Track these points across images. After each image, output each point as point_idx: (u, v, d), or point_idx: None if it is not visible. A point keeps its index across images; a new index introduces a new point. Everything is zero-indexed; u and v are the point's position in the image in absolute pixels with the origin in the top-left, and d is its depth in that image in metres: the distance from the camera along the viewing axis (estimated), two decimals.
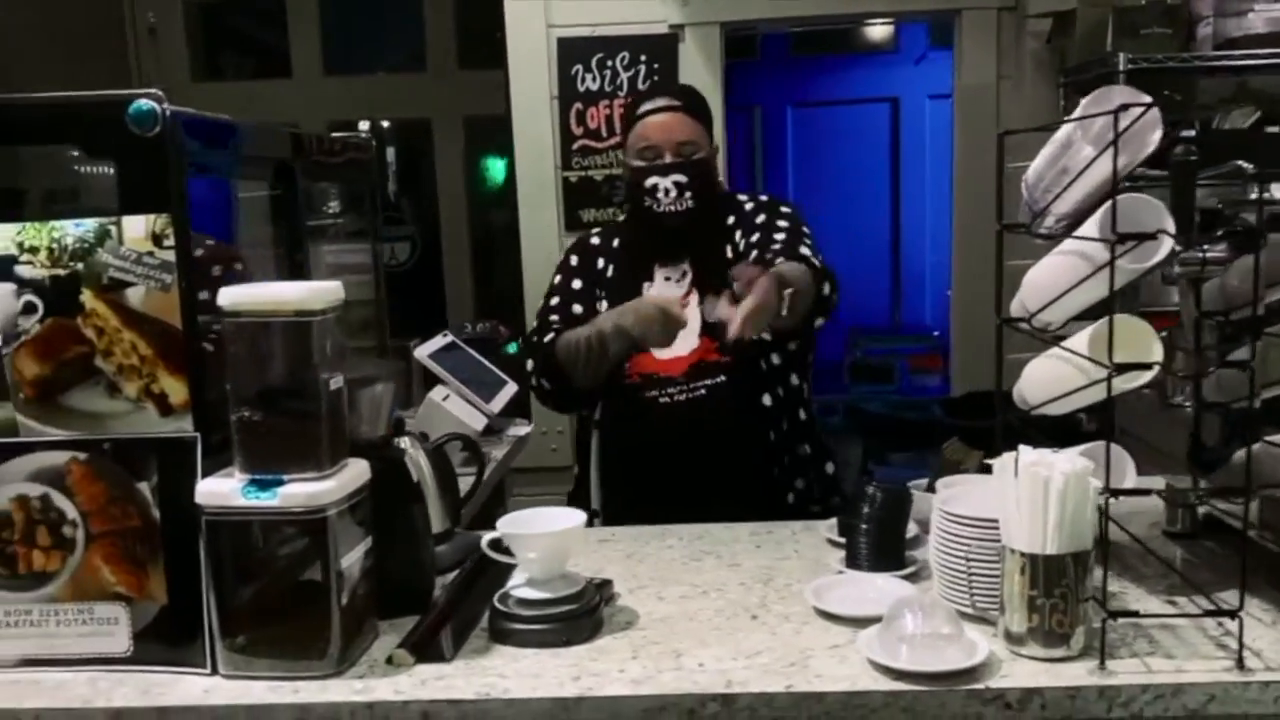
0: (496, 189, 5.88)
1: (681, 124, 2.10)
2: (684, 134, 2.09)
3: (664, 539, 1.91)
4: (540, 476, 3.66)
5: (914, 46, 5.81)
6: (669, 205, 2.08)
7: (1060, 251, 1.59)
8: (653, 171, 2.08)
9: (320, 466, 1.41)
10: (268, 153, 1.81)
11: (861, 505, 1.66)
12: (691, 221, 2.11)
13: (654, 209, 2.09)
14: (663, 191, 2.07)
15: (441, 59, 5.53)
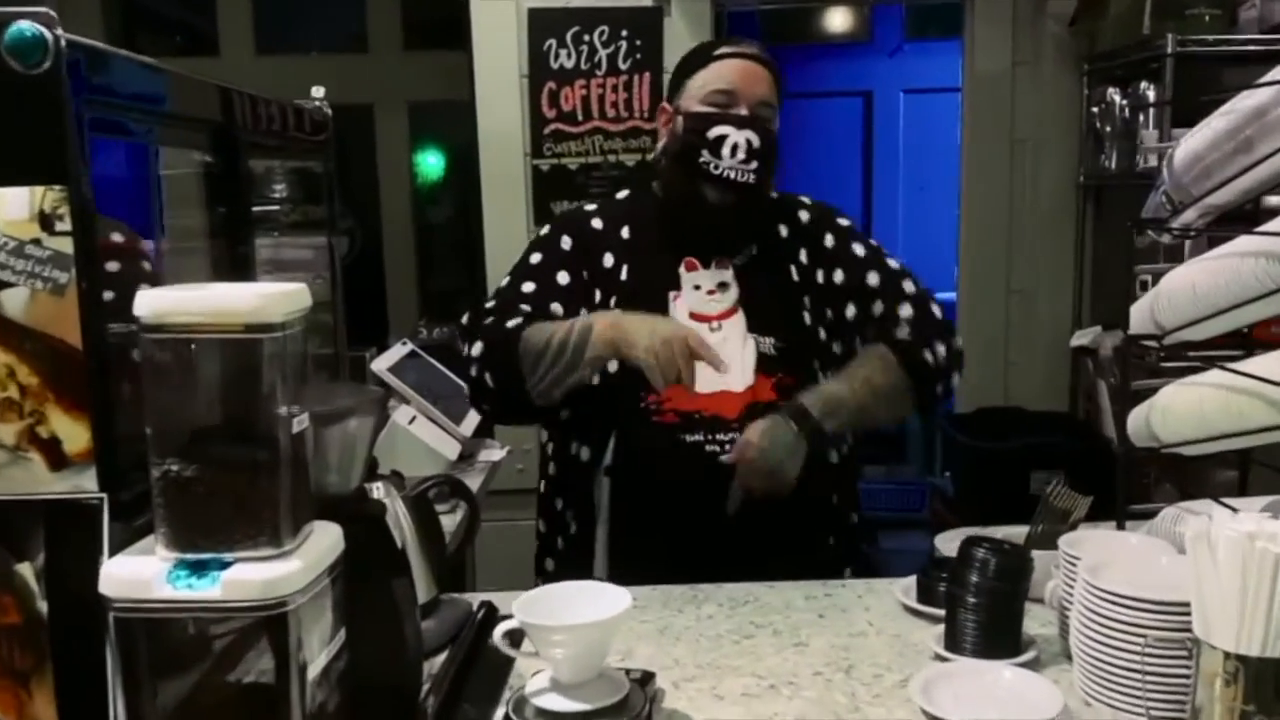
0: (442, 181, 5.48)
1: (767, 80, 1.70)
2: (768, 92, 1.69)
3: (699, 604, 1.55)
4: (505, 501, 3.26)
5: (888, 38, 5.53)
6: (730, 170, 1.65)
7: (1230, 252, 1.25)
8: (724, 120, 1.66)
9: (279, 538, 1.02)
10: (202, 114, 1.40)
11: (968, 574, 1.31)
12: (747, 205, 1.70)
13: (710, 169, 1.65)
14: (729, 148, 1.64)
15: (385, 39, 5.12)
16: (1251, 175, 1.22)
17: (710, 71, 1.69)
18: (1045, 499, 1.53)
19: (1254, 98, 1.19)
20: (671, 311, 1.70)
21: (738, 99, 1.66)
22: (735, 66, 1.68)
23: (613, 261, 1.75)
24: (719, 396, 1.65)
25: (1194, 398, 1.32)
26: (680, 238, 1.74)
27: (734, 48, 1.71)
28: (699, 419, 1.66)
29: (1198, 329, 1.34)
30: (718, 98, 1.67)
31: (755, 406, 1.66)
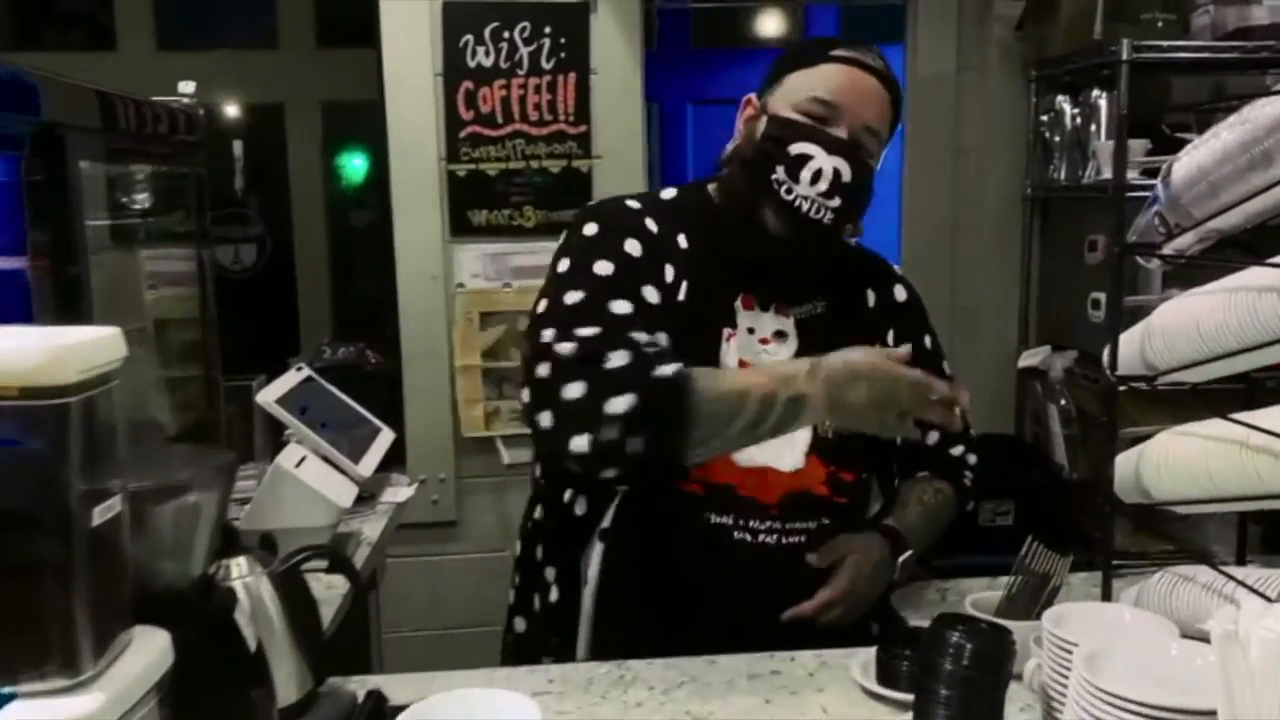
0: (359, 185, 5.21)
1: (883, 105, 1.40)
2: (877, 117, 1.39)
3: (625, 687, 1.33)
4: (418, 535, 3.02)
5: None
6: (804, 200, 1.33)
7: (1243, 286, 1.07)
8: (814, 136, 1.34)
9: (75, 664, 0.79)
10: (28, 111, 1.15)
11: (940, 660, 1.11)
12: (815, 247, 1.39)
13: (783, 192, 1.34)
14: (810, 172, 1.33)
15: (297, 35, 4.86)
16: (1268, 196, 1.05)
17: (815, 74, 1.37)
18: (1020, 561, 1.34)
19: (1275, 106, 1.02)
20: (722, 353, 1.41)
21: (839, 115, 1.35)
22: (846, 75, 1.36)
23: (673, 276, 1.40)
24: (759, 474, 1.38)
25: (1196, 452, 1.15)
26: (736, 264, 1.43)
27: (853, 51, 1.39)
28: (731, 498, 1.37)
29: (1198, 371, 1.16)
30: (815, 107, 1.36)
31: (803, 498, 1.40)
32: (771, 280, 1.43)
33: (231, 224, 5.14)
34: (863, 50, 1.40)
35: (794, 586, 1.39)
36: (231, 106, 5.14)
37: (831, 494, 1.41)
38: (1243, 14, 2.60)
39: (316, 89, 4.87)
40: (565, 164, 2.97)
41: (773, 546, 1.38)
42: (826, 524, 1.42)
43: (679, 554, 1.37)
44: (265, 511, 1.79)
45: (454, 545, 3.05)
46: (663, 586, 1.38)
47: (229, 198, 5.12)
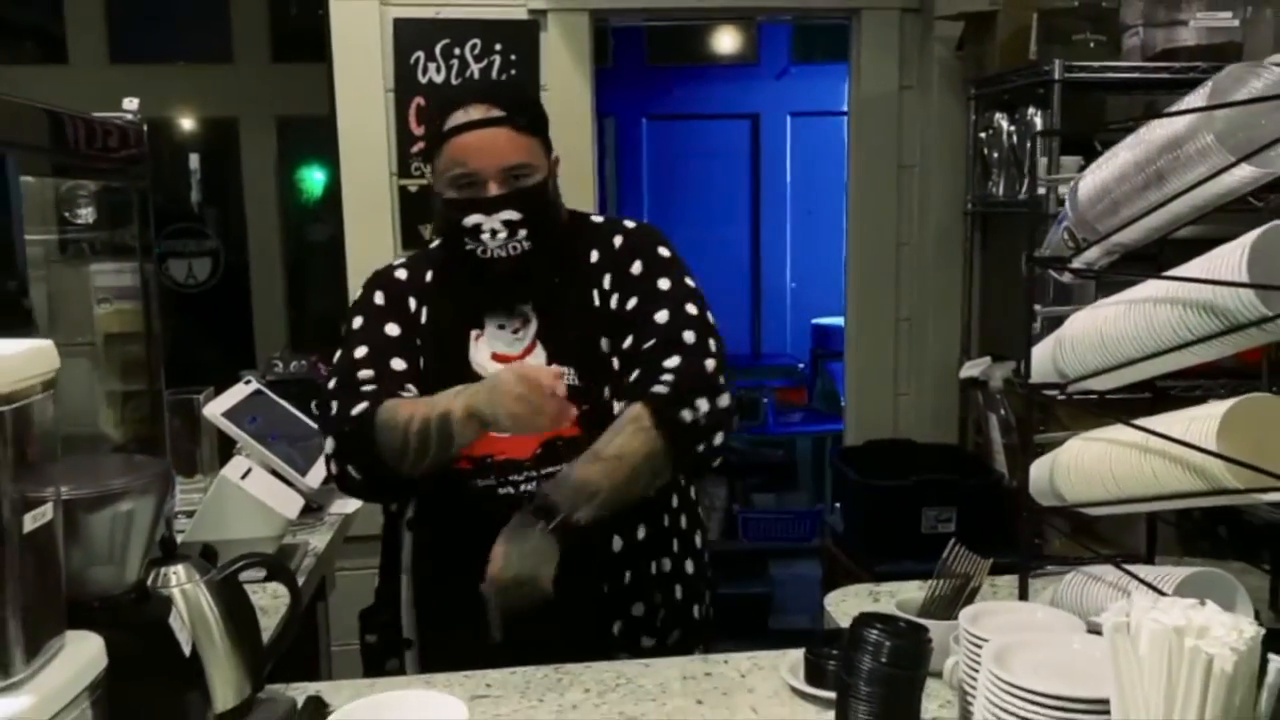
0: (315, 200, 5.20)
1: (508, 142, 1.54)
2: (512, 154, 1.54)
3: (563, 690, 1.36)
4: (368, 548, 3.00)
5: (775, 60, 5.45)
6: (498, 249, 1.55)
7: (1143, 297, 1.13)
8: (473, 207, 1.54)
9: (7, 665, 0.81)
10: None
11: (860, 658, 1.16)
12: (531, 264, 1.58)
13: (479, 253, 1.56)
14: (488, 233, 1.54)
15: (251, 49, 4.85)
16: (1163, 212, 1.10)
17: (446, 154, 1.55)
18: (942, 563, 1.39)
19: (1167, 127, 1.08)
20: (471, 351, 1.62)
21: (483, 177, 1.53)
22: (468, 144, 1.53)
23: (415, 305, 1.66)
24: (513, 440, 1.54)
25: (1100, 455, 1.20)
26: (475, 296, 1.63)
27: (464, 115, 1.54)
28: (490, 463, 1.56)
29: (1105, 379, 1.22)
30: (463, 181, 1.54)
31: (554, 442, 1.55)
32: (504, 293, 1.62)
33: (186, 238, 5.11)
34: (471, 104, 1.55)
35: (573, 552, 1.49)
36: (187, 120, 5.13)
37: (582, 431, 1.51)
38: (1170, 36, 2.69)
39: (271, 104, 4.87)
40: None
41: (533, 492, 1.51)
42: None
43: (461, 524, 1.54)
44: (211, 523, 1.81)
45: None
46: (458, 557, 1.51)
47: (184, 212, 5.10)
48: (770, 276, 5.58)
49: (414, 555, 1.60)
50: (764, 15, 3.56)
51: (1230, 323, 0.99)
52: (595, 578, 1.56)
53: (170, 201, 5.11)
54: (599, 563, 1.55)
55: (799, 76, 5.44)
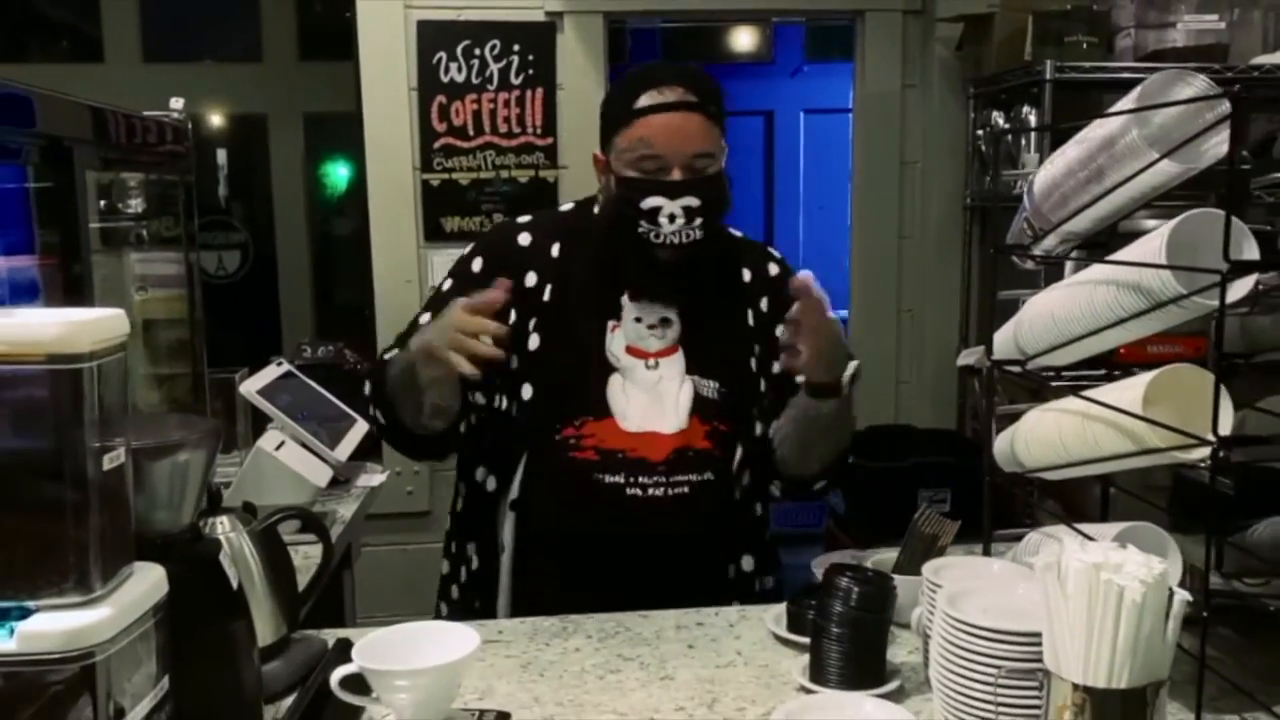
0: (340, 194, 5.36)
1: (700, 129, 1.53)
2: (701, 143, 1.53)
3: (567, 636, 1.50)
4: (392, 525, 3.19)
5: (789, 59, 5.58)
6: (672, 235, 1.54)
7: (1085, 280, 1.26)
8: (655, 190, 1.52)
9: (87, 584, 0.95)
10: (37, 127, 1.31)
11: (831, 603, 1.29)
12: (697, 256, 1.58)
13: (651, 237, 1.54)
14: (666, 217, 1.52)
15: (280, 48, 5.01)
16: (1104, 203, 1.23)
17: (634, 132, 1.53)
18: (913, 524, 1.52)
19: (1105, 127, 1.20)
20: (606, 343, 1.61)
21: (668, 162, 1.52)
22: (659, 125, 1.52)
23: (535, 280, 1.64)
24: (647, 437, 1.57)
25: (1053, 424, 1.33)
26: (628, 275, 1.63)
27: (657, 96, 1.53)
28: (622, 459, 1.56)
29: (1058, 355, 1.35)
30: (646, 164, 1.53)
31: (685, 452, 1.58)
32: (651, 280, 1.62)
33: (215, 231, 5.28)
34: (665, 85, 1.54)
35: (685, 531, 1.58)
36: (216, 117, 5.30)
37: (713, 446, 1.59)
38: (1161, 37, 2.80)
39: (298, 101, 5.02)
40: (533, 174, 3.15)
41: (662, 498, 1.56)
42: (711, 478, 1.60)
43: (580, 515, 1.56)
44: (248, 490, 1.95)
45: (427, 535, 3.22)
46: (569, 546, 1.58)
47: (213, 206, 5.27)
48: None
49: (517, 536, 1.61)
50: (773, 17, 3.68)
51: (1154, 301, 1.11)
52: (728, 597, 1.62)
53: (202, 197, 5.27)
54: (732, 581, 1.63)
55: (812, 75, 5.56)
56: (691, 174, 1.53)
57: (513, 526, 1.61)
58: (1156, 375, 1.14)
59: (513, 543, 1.61)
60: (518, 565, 1.61)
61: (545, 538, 1.60)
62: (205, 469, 1.16)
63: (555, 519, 1.58)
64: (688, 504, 1.57)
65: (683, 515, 1.57)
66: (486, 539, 1.64)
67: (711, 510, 1.60)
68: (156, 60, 5.02)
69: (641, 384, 1.60)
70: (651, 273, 1.59)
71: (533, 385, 1.60)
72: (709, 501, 1.59)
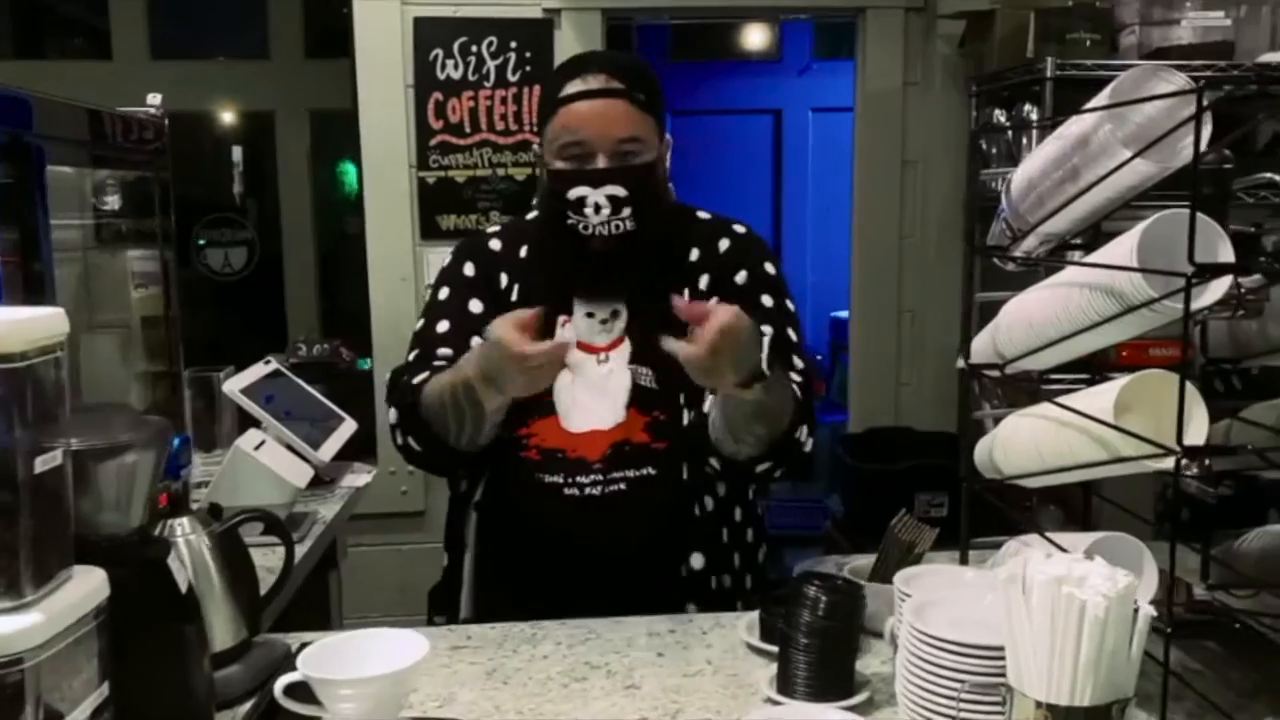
0: (349, 193, 5.35)
1: (623, 114, 1.50)
2: (625, 127, 1.50)
3: (536, 642, 1.47)
4: (388, 524, 3.17)
5: (797, 57, 5.53)
6: (600, 226, 1.51)
7: (1061, 282, 1.22)
8: (579, 179, 1.50)
9: (18, 589, 0.93)
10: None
11: (799, 613, 1.26)
12: (631, 247, 1.54)
13: (580, 229, 1.52)
14: (592, 207, 1.50)
15: (286, 45, 5.00)
16: (1081, 204, 1.19)
17: (559, 120, 1.52)
18: (890, 530, 1.49)
19: (1079, 124, 1.16)
20: (558, 337, 1.58)
21: (592, 148, 1.50)
22: (583, 112, 1.50)
23: (506, 282, 1.65)
24: (587, 436, 1.56)
25: (1029, 430, 1.29)
26: (569, 276, 1.61)
27: (581, 83, 1.51)
28: (560, 459, 1.56)
29: (1036, 359, 1.31)
30: (571, 150, 1.51)
31: (622, 447, 1.55)
32: (598, 274, 1.59)
33: (223, 228, 5.28)
34: (590, 73, 1.52)
35: (626, 530, 1.54)
36: (228, 114, 5.30)
37: (652, 439, 1.55)
38: (1166, 34, 2.75)
39: (304, 98, 5.01)
40: (530, 171, 3.13)
41: (598, 497, 1.53)
42: (651, 473, 1.55)
43: (525, 515, 1.55)
44: (226, 490, 1.93)
45: (421, 534, 3.20)
46: (520, 546, 1.57)
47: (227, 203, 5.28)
48: (791, 270, 5.63)
49: (477, 535, 1.61)
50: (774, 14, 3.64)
51: (1126, 304, 1.07)
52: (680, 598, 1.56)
53: (213, 193, 5.30)
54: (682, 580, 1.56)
55: (821, 73, 5.51)
56: (617, 161, 1.50)
57: (475, 526, 1.61)
58: (1130, 381, 1.10)
59: (474, 543, 1.61)
60: (479, 565, 1.61)
61: (500, 538, 1.60)
62: (155, 470, 1.14)
63: (507, 520, 1.58)
64: (626, 502, 1.54)
65: (622, 514, 1.54)
66: (455, 539, 1.65)
67: (653, 508, 1.55)
68: (165, 57, 5.02)
69: (590, 380, 1.58)
70: (592, 267, 1.56)
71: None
72: (649, 499, 1.55)
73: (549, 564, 1.57)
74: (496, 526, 1.60)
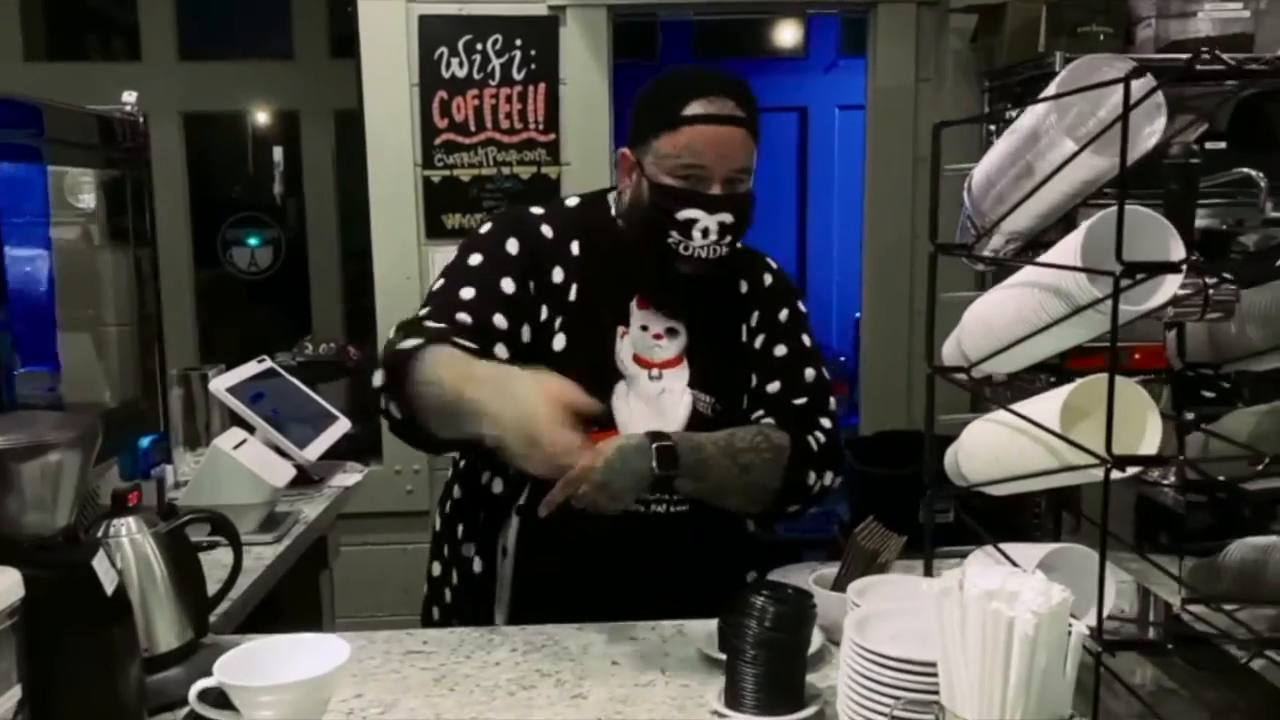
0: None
1: (742, 144, 1.50)
2: (742, 157, 1.50)
3: (491, 649, 1.45)
4: (392, 524, 3.17)
5: (824, 53, 5.46)
6: (701, 250, 1.50)
7: (1017, 283, 1.17)
8: (695, 202, 1.48)
9: None
10: None
11: (745, 624, 1.22)
12: (717, 272, 1.55)
13: (680, 249, 1.50)
14: (701, 231, 1.49)
15: (311, 46, 5.03)
16: (1039, 200, 1.14)
17: (680, 139, 1.47)
18: (853, 538, 1.44)
19: (1030, 117, 1.11)
20: (616, 349, 1.57)
21: (711, 175, 1.48)
22: (708, 137, 1.47)
23: (562, 277, 1.58)
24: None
25: (988, 438, 1.24)
26: (637, 275, 1.58)
27: (707, 106, 1.47)
28: None
29: (999, 361, 1.26)
30: (688, 173, 1.48)
31: None
32: (666, 289, 1.57)
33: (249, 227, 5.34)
34: (715, 96, 1.48)
35: (687, 547, 1.55)
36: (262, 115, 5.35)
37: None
38: (1184, 27, 2.67)
39: (329, 98, 5.04)
40: (535, 170, 3.11)
41: (663, 515, 1.54)
42: None
43: (584, 526, 1.45)
44: (205, 489, 1.93)
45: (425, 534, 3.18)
46: (571, 555, 1.53)
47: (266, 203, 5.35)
48: (816, 271, 5.59)
49: (519, 541, 1.56)
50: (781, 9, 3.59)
51: (1073, 305, 1.02)
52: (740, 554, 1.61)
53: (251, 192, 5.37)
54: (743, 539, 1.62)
55: (847, 69, 5.43)
56: (730, 189, 1.50)
57: (516, 531, 1.56)
58: (1079, 386, 1.05)
59: (515, 547, 1.56)
60: (519, 570, 1.57)
61: (549, 545, 1.54)
62: (81, 470, 1.13)
63: (560, 528, 1.45)
64: (689, 520, 1.55)
65: (684, 530, 1.55)
66: (488, 542, 1.59)
67: (713, 525, 1.56)
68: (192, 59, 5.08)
69: (644, 394, 1.56)
70: (667, 283, 1.55)
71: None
72: (708, 518, 1.55)
73: (601, 575, 1.54)
74: (545, 533, 1.50)
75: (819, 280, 5.60)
